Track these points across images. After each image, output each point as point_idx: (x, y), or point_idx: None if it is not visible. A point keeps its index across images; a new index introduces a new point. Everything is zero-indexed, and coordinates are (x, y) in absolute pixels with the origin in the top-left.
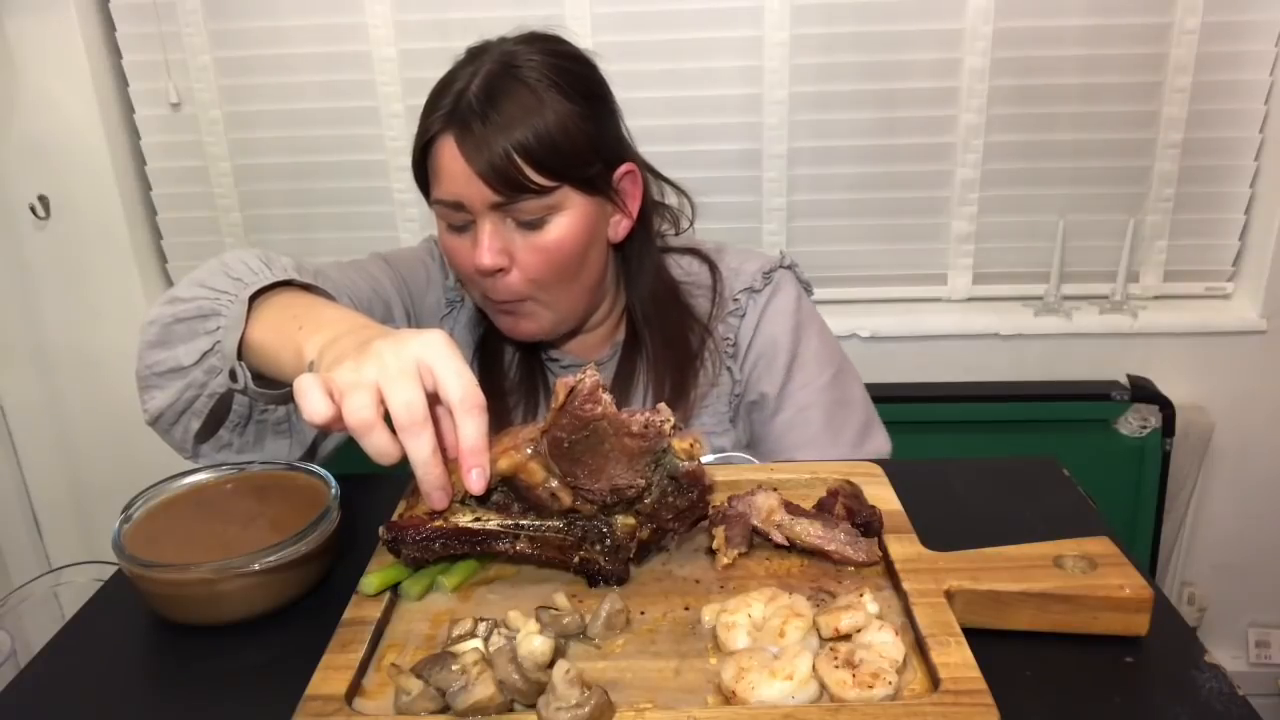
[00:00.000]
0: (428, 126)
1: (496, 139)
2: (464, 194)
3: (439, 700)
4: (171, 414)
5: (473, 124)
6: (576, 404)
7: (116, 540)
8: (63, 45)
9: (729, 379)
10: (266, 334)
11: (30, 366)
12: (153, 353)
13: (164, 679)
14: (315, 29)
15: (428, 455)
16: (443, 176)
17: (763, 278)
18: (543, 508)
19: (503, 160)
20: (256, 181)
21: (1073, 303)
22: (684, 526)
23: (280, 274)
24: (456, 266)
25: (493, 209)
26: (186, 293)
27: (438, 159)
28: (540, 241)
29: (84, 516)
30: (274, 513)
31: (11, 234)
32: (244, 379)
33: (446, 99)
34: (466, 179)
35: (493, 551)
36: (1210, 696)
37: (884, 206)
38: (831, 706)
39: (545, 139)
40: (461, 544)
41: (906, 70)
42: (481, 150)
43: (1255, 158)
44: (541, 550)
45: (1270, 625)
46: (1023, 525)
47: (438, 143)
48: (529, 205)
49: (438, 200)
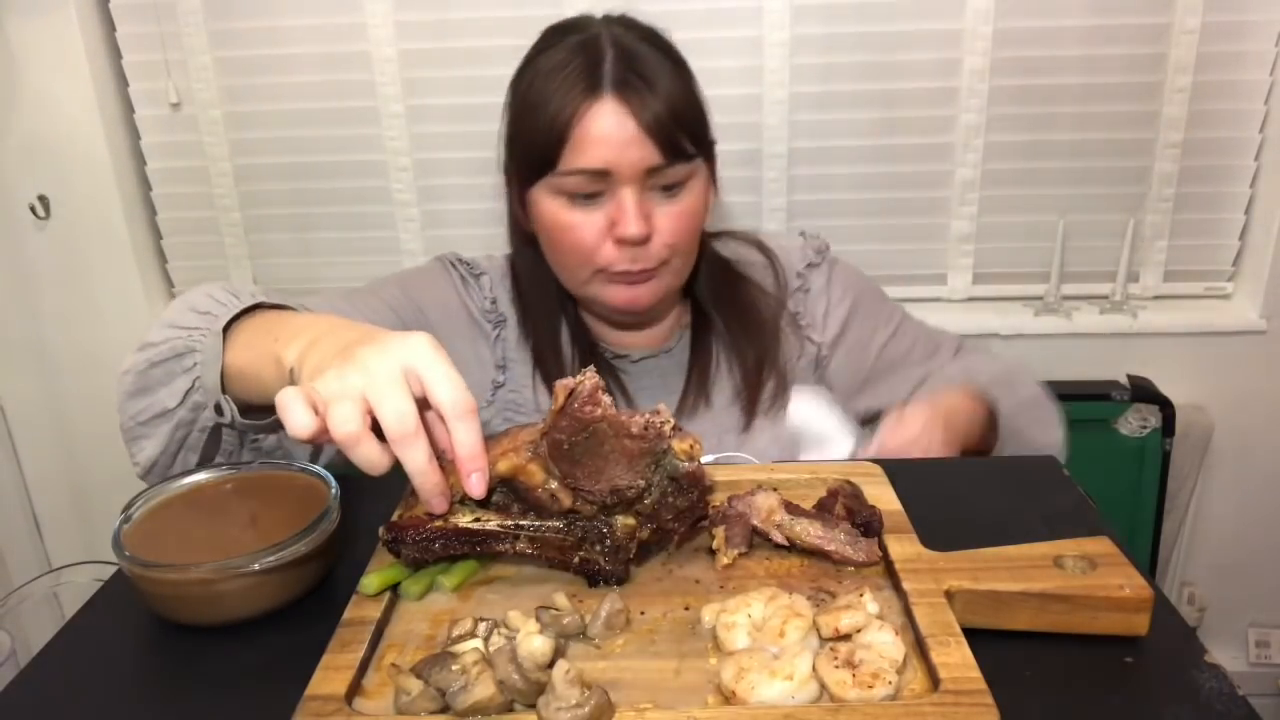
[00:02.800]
0: (570, 96)
1: (659, 101)
2: (618, 159)
3: (439, 700)
4: (166, 459)
5: (635, 87)
6: (576, 406)
7: (116, 540)
8: (63, 45)
9: (813, 348)
10: (243, 356)
11: (30, 366)
12: (133, 402)
13: (164, 679)
14: (315, 29)
15: (424, 463)
16: (590, 143)
17: (815, 253)
18: (543, 509)
19: (668, 122)
20: (256, 181)
21: (1073, 303)
22: (684, 526)
23: (248, 299)
24: (576, 243)
25: (644, 175)
26: (157, 336)
27: (587, 125)
28: (679, 208)
29: (84, 516)
30: (274, 513)
31: (11, 234)
32: (230, 412)
33: (587, 69)
34: (624, 144)
35: (493, 552)
36: (1210, 696)
37: (884, 206)
38: (831, 706)
39: (694, 105)
40: (461, 544)
41: (906, 70)
42: (647, 111)
43: (1255, 158)
44: (542, 550)
45: (1270, 625)
46: (1023, 525)
47: (590, 109)
48: (677, 170)
49: (577, 170)
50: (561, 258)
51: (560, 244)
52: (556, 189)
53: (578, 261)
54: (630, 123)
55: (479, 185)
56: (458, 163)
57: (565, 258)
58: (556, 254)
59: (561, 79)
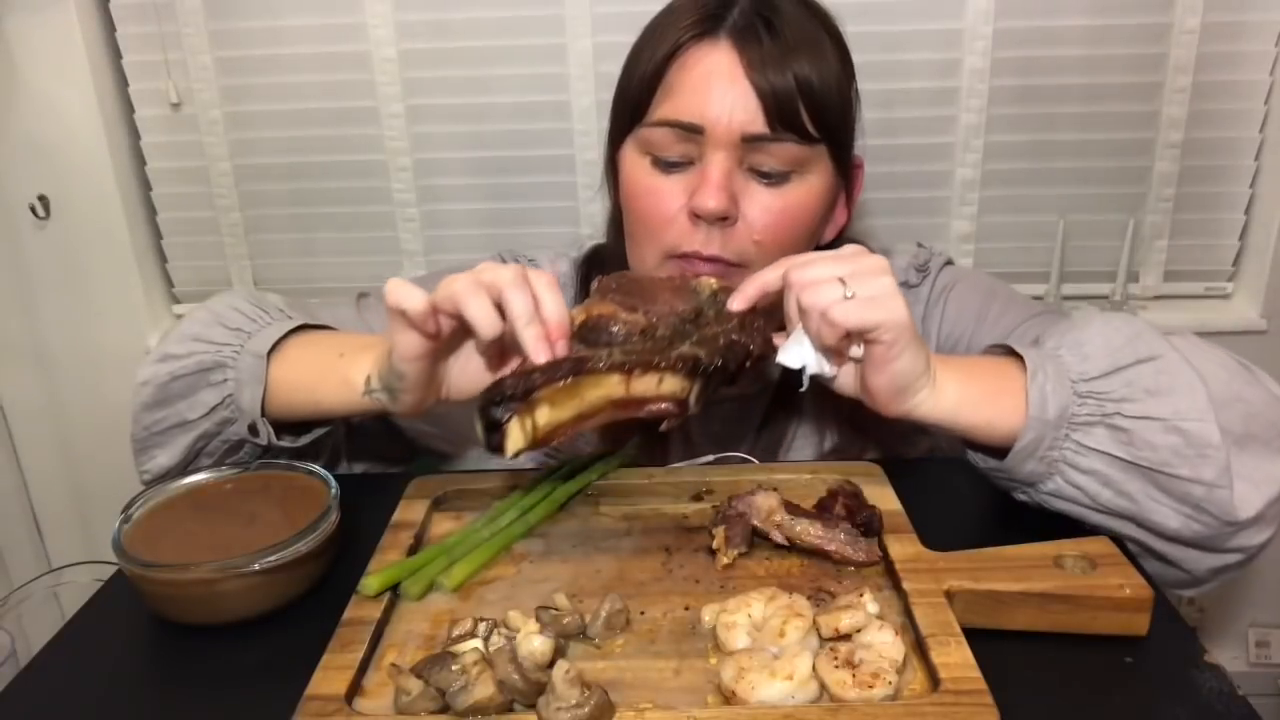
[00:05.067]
0: (679, 31)
1: (784, 61)
2: (715, 116)
3: (439, 700)
4: (178, 469)
5: (759, 34)
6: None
7: (116, 540)
8: (63, 45)
9: None
10: (294, 371)
11: (30, 366)
12: (150, 413)
13: (164, 679)
14: (315, 29)
15: (530, 311)
16: (685, 90)
17: (917, 271)
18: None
19: (789, 86)
20: (256, 181)
21: (1073, 303)
22: (749, 348)
23: (277, 314)
24: (647, 212)
25: (741, 144)
26: (180, 348)
27: (687, 68)
28: (779, 200)
29: (84, 516)
30: (274, 513)
31: (11, 234)
32: (267, 434)
33: (712, 6)
34: (726, 99)
35: (586, 371)
36: (1210, 696)
37: (884, 206)
38: (831, 706)
39: (828, 81)
40: (559, 371)
41: (906, 70)
42: (767, 67)
43: (1255, 158)
44: (638, 355)
45: (1270, 625)
46: (1023, 525)
47: (696, 50)
48: (783, 151)
49: (664, 121)
50: (633, 231)
51: (632, 213)
52: (643, 146)
53: (646, 235)
54: (740, 74)
55: (479, 185)
56: (458, 163)
57: (636, 230)
58: (629, 229)
59: (680, 14)
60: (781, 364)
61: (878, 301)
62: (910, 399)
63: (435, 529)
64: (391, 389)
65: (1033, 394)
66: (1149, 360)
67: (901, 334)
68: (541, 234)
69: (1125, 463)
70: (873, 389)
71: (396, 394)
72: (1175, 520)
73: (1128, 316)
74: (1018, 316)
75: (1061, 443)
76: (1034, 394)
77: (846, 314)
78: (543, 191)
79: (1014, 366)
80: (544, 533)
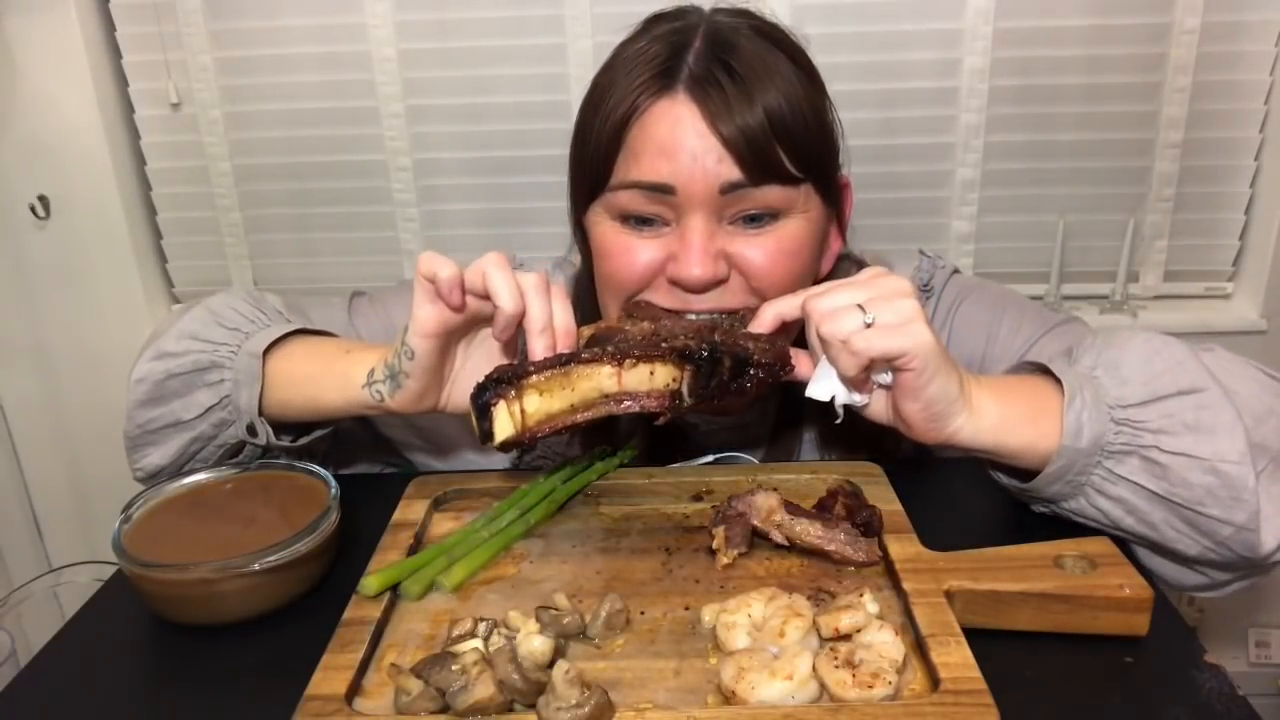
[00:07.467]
0: (633, 91)
1: (749, 101)
2: (687, 174)
3: (439, 700)
4: (172, 468)
5: (718, 79)
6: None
7: (116, 540)
8: (63, 45)
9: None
10: (296, 368)
11: (30, 366)
12: (144, 411)
13: (164, 679)
14: (315, 29)
15: (545, 318)
16: (650, 152)
17: (924, 285)
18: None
19: (759, 125)
20: (256, 181)
21: (1073, 303)
22: (766, 357)
23: (275, 316)
24: (625, 270)
25: (719, 196)
26: (176, 346)
27: (649, 130)
28: (771, 242)
29: (84, 516)
30: (274, 513)
31: (11, 234)
32: (265, 434)
33: (662, 59)
34: (694, 154)
35: (579, 361)
36: (1210, 696)
37: (884, 206)
38: (831, 706)
39: (799, 109)
40: (559, 360)
41: (906, 70)
42: (733, 113)
43: (1255, 158)
44: (630, 347)
45: (1270, 625)
46: (1023, 525)
47: (654, 108)
48: (767, 194)
49: (633, 184)
50: (606, 287)
51: (602, 273)
52: (610, 210)
53: (621, 293)
54: (703, 128)
55: (479, 185)
56: (458, 163)
57: (601, 291)
58: (602, 285)
59: (631, 71)
60: (811, 397)
61: (900, 328)
62: (948, 425)
63: (435, 529)
64: (396, 375)
65: (1069, 420)
66: (1191, 393)
67: (929, 359)
68: (541, 234)
69: (1154, 494)
70: (907, 417)
71: (400, 381)
72: (1194, 549)
73: (1167, 338)
74: (1033, 329)
75: (1092, 468)
76: (1070, 420)
77: (870, 343)
78: (543, 191)
79: (1049, 386)
80: (544, 533)
